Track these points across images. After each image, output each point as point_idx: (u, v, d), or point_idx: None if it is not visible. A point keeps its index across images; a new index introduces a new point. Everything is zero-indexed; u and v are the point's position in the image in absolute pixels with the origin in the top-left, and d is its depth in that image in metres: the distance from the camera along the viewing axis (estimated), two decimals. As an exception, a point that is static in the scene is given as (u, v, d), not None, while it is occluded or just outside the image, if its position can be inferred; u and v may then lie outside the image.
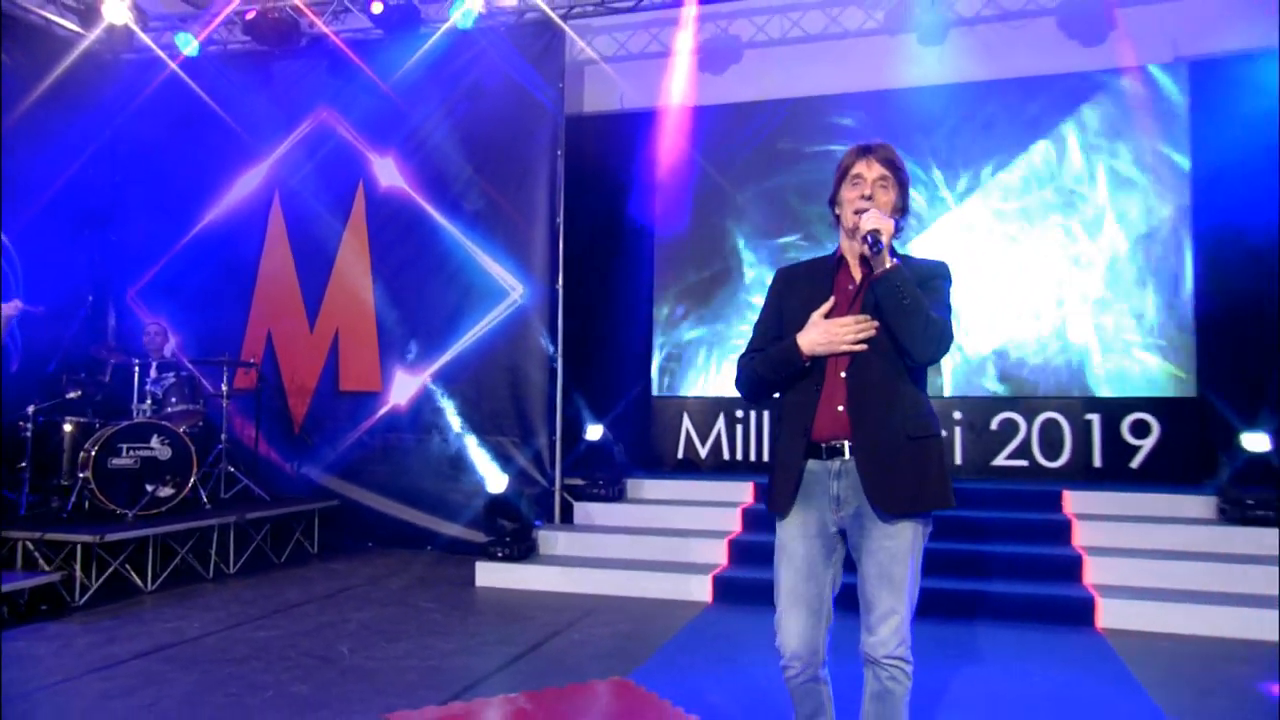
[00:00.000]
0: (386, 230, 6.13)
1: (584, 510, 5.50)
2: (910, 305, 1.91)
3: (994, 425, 5.98)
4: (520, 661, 3.66)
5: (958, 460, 5.96)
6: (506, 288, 5.91)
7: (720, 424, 6.50)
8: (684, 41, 6.07)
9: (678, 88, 6.22)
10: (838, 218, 2.11)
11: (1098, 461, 5.78)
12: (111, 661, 3.50)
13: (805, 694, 2.12)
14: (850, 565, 2.03)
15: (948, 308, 2.03)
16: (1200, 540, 4.69)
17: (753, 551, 4.87)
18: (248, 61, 6.29)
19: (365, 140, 6.14)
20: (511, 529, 4.90)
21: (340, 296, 6.21)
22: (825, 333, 1.92)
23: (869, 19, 6.06)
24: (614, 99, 6.58)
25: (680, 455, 6.54)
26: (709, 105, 6.36)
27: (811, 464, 2.02)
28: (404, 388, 6.04)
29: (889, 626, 1.97)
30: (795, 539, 2.05)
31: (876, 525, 1.97)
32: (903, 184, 2.08)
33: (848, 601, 2.04)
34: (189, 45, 5.92)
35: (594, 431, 5.68)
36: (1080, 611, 4.19)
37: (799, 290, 2.14)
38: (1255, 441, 4.77)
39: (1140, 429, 5.76)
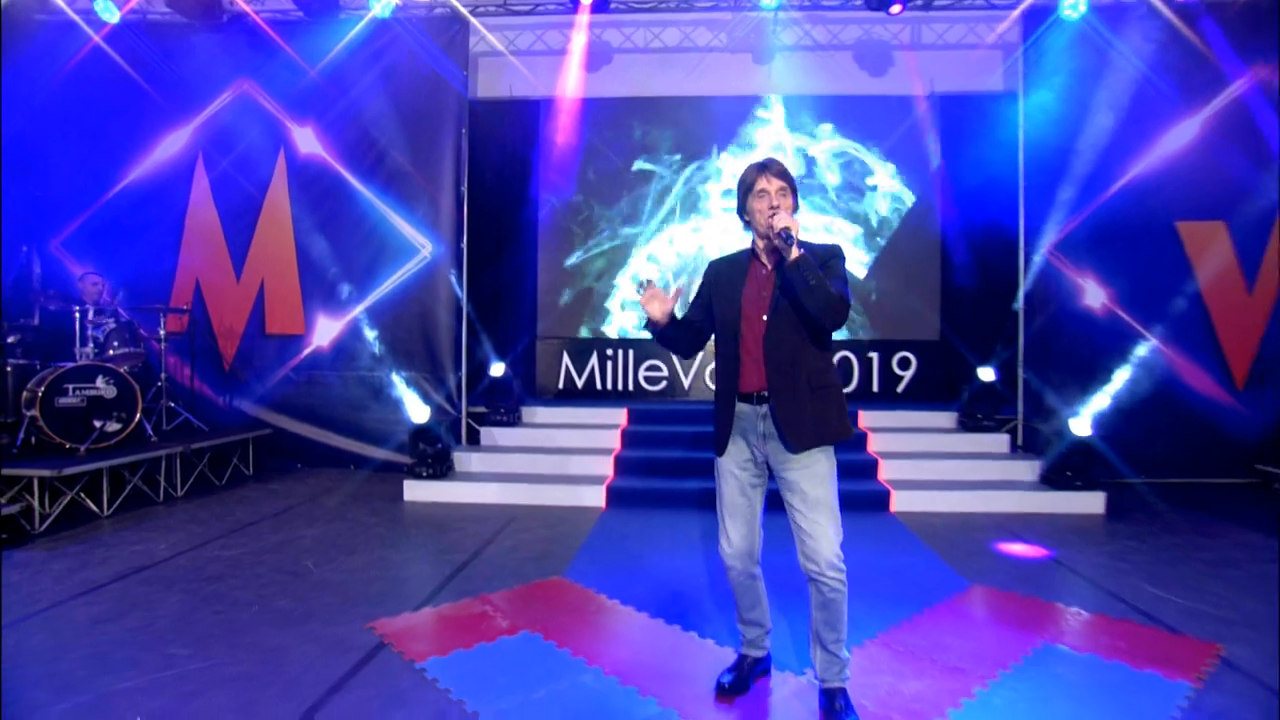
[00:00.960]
0: (308, 192, 6.59)
1: (489, 434, 6.41)
2: (815, 286, 2.26)
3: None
4: (467, 568, 4.01)
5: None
6: (417, 245, 6.60)
7: (594, 360, 7.62)
8: (577, 42, 6.85)
9: (565, 81, 7.05)
10: (747, 223, 2.52)
11: (876, 387, 7.45)
12: (91, 586, 3.62)
13: (745, 589, 2.60)
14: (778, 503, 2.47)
15: (844, 280, 2.36)
16: (950, 443, 6.22)
17: (633, 465, 5.92)
18: (169, 32, 6.41)
19: (286, 111, 6.50)
20: (433, 451, 5.75)
21: (265, 250, 6.65)
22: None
23: (715, 38, 7.14)
24: (506, 87, 7.28)
25: (561, 386, 7.58)
26: (587, 98, 7.24)
27: (742, 407, 2.47)
28: (326, 331, 6.65)
29: (821, 547, 2.35)
30: (731, 468, 2.53)
31: (790, 456, 2.39)
32: (794, 189, 2.44)
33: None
34: (109, 12, 5.98)
35: (497, 368, 6.60)
36: (879, 501, 5.48)
37: (723, 277, 2.59)
38: (985, 374, 6.47)
39: (904, 363, 7.48)
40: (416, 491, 5.63)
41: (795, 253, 2.28)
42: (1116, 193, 6.28)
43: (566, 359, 7.59)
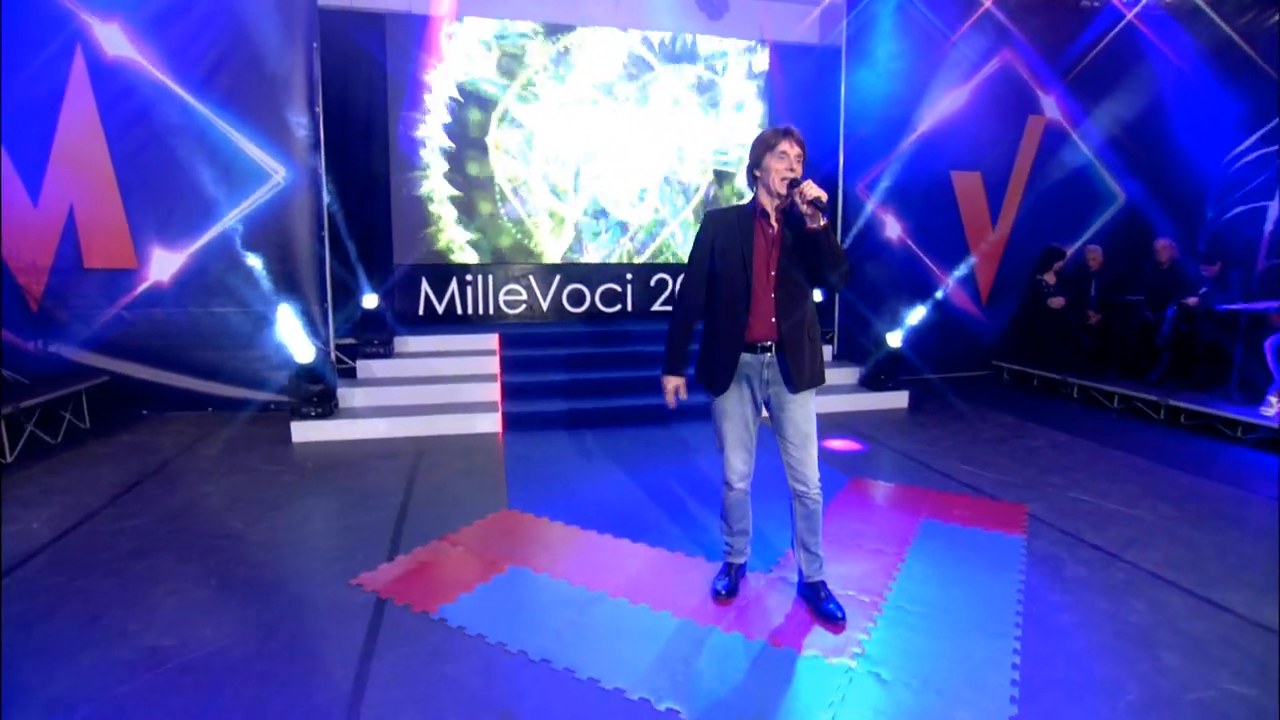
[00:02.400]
0: (123, 105, 5.27)
1: (365, 367, 5.91)
2: (840, 253, 2.44)
3: (651, 282, 7.75)
4: (409, 510, 3.78)
5: (629, 308, 7.63)
6: (268, 170, 5.64)
7: (454, 286, 7.22)
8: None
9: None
10: (755, 178, 2.54)
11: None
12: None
13: (740, 507, 2.79)
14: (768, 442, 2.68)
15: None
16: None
17: (520, 390, 5.80)
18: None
19: (80, 2, 5.09)
20: (319, 390, 5.21)
21: (68, 170, 5.29)
22: (666, 395, 2.72)
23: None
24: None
25: (421, 313, 7.12)
26: (438, 15, 6.52)
27: (746, 356, 2.58)
28: (165, 264, 5.56)
29: (810, 471, 2.62)
30: (734, 406, 2.65)
31: (790, 397, 2.59)
32: (805, 159, 2.49)
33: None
34: None
35: (370, 300, 6.02)
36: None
37: (727, 232, 2.57)
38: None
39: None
40: (306, 432, 5.10)
41: (823, 221, 2.38)
42: (911, 144, 7.10)
43: (426, 286, 7.11)
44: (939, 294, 7.19)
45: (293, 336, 5.07)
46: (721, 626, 2.68)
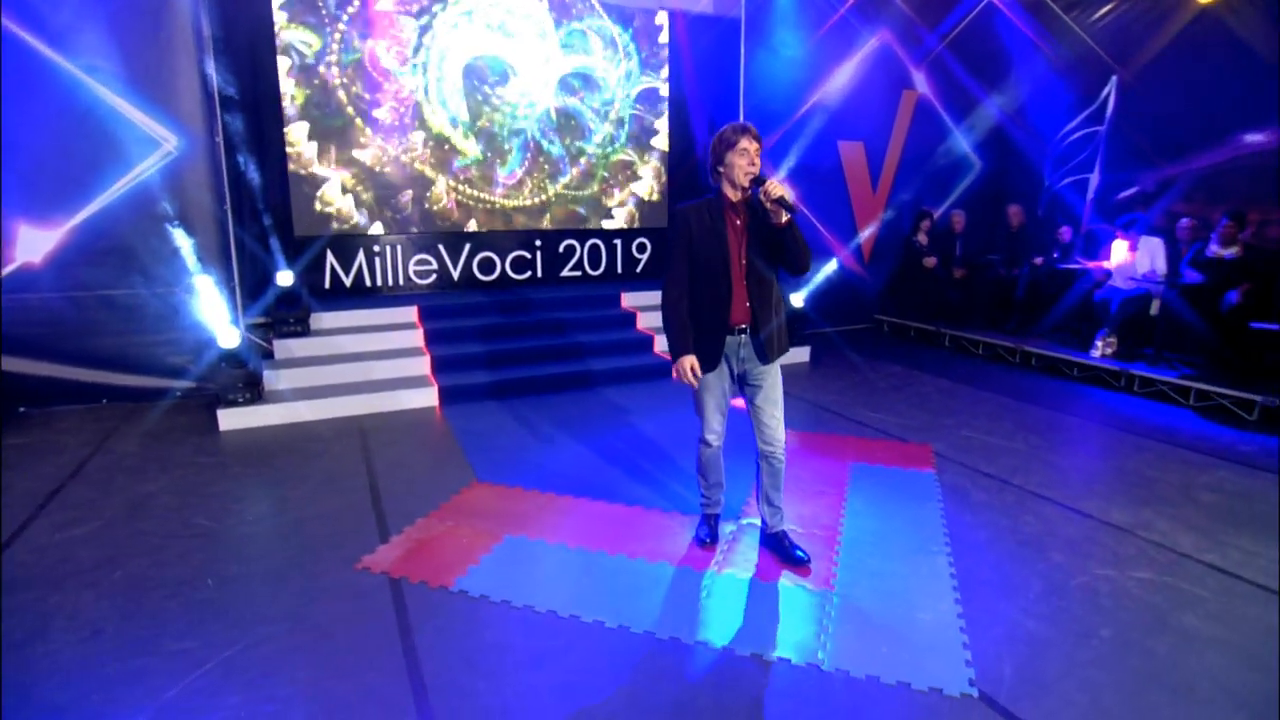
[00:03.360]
0: (-26, 63, 4.67)
1: (283, 347, 5.68)
2: (803, 245, 2.72)
3: (560, 249, 7.90)
4: (385, 493, 3.83)
5: (539, 274, 7.75)
6: (157, 138, 5.22)
7: (360, 257, 7.01)
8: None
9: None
10: (720, 173, 2.80)
11: (620, 270, 8.22)
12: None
13: (715, 462, 3.14)
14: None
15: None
16: None
17: (449, 363, 5.85)
18: None
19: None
20: (245, 375, 5.01)
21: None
22: (683, 374, 2.87)
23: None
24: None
25: (328, 286, 6.87)
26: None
27: (728, 338, 2.91)
28: (36, 244, 5.01)
29: (778, 433, 2.99)
30: (715, 381, 2.99)
31: (762, 369, 2.94)
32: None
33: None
34: None
35: (284, 276, 5.76)
36: (664, 369, 6.21)
37: (700, 225, 2.84)
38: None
39: (641, 248, 8.34)
40: (234, 420, 4.91)
41: (786, 217, 2.67)
42: (803, 114, 7.69)
43: (331, 258, 6.85)
44: (834, 259, 7.93)
45: (216, 319, 4.83)
46: (714, 570, 3.10)
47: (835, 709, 2.27)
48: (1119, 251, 6.21)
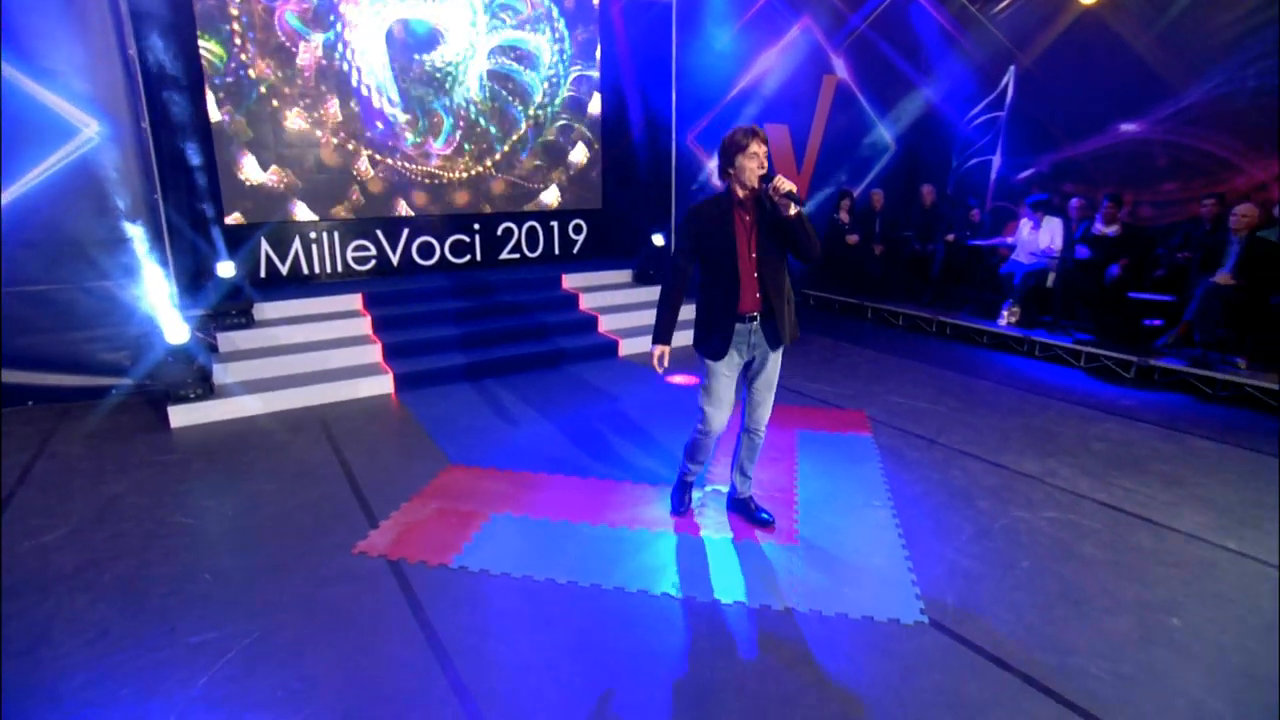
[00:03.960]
0: None
1: (227, 339, 5.58)
2: (813, 234, 2.90)
3: (498, 231, 7.98)
4: (363, 481, 3.94)
5: (478, 257, 7.82)
6: (76, 124, 5.01)
7: (296, 245, 6.89)
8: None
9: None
10: (730, 174, 2.97)
11: (557, 251, 8.38)
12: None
13: (708, 449, 3.36)
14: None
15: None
16: (635, 295, 7.41)
17: (400, 349, 5.91)
18: None
19: None
20: (195, 370, 4.92)
21: None
22: (652, 361, 3.17)
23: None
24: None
25: (263, 274, 6.73)
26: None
27: (737, 325, 3.07)
28: (-52, 239, 4.76)
29: (766, 415, 3.28)
30: (726, 369, 3.14)
31: (769, 356, 3.15)
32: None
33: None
34: None
35: (225, 268, 5.63)
36: (610, 349, 6.57)
37: (710, 222, 3.01)
38: (657, 239, 7.83)
39: (577, 229, 8.52)
40: (187, 416, 4.85)
41: (795, 209, 2.84)
42: (732, 98, 8.03)
43: (266, 246, 6.71)
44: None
45: (163, 313, 4.73)
46: (693, 533, 3.44)
47: (815, 644, 2.65)
48: (1024, 229, 6.91)
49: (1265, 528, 3.51)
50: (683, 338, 6.75)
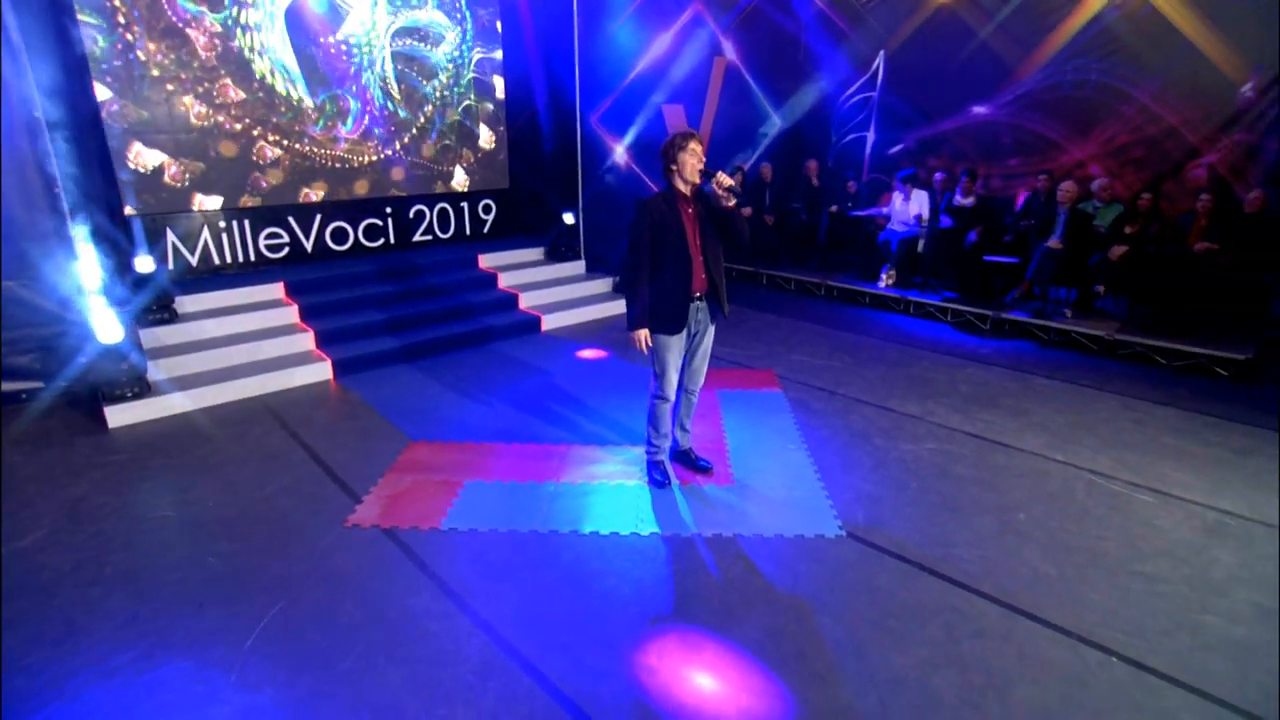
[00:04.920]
0: None
1: (151, 335, 5.55)
2: (744, 224, 3.48)
3: (410, 214, 8.13)
4: (332, 463, 4.23)
5: (392, 240, 7.95)
6: (-35, 118, 4.81)
7: (205, 235, 6.79)
8: None
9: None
10: (672, 171, 3.46)
11: (468, 232, 8.62)
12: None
13: (666, 416, 3.88)
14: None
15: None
16: (548, 272, 7.93)
17: (332, 336, 6.08)
18: None
19: None
20: (128, 369, 4.93)
21: None
22: (637, 342, 3.60)
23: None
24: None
25: (171, 266, 6.61)
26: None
27: (691, 305, 3.58)
28: None
29: (702, 379, 3.91)
30: (678, 342, 3.66)
31: (707, 329, 3.74)
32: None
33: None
34: None
35: (144, 263, 5.55)
36: (533, 325, 7.00)
37: (660, 214, 3.46)
38: (568, 218, 8.26)
39: (487, 209, 8.79)
40: (125, 415, 4.88)
41: (733, 201, 3.41)
42: (631, 81, 8.51)
43: (172, 236, 6.58)
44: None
45: (97, 312, 4.71)
46: (643, 483, 4.04)
47: (759, 560, 3.34)
48: (896, 201, 7.90)
49: (1084, 442, 4.56)
50: (593, 312, 7.48)
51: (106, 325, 4.77)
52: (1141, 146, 7.31)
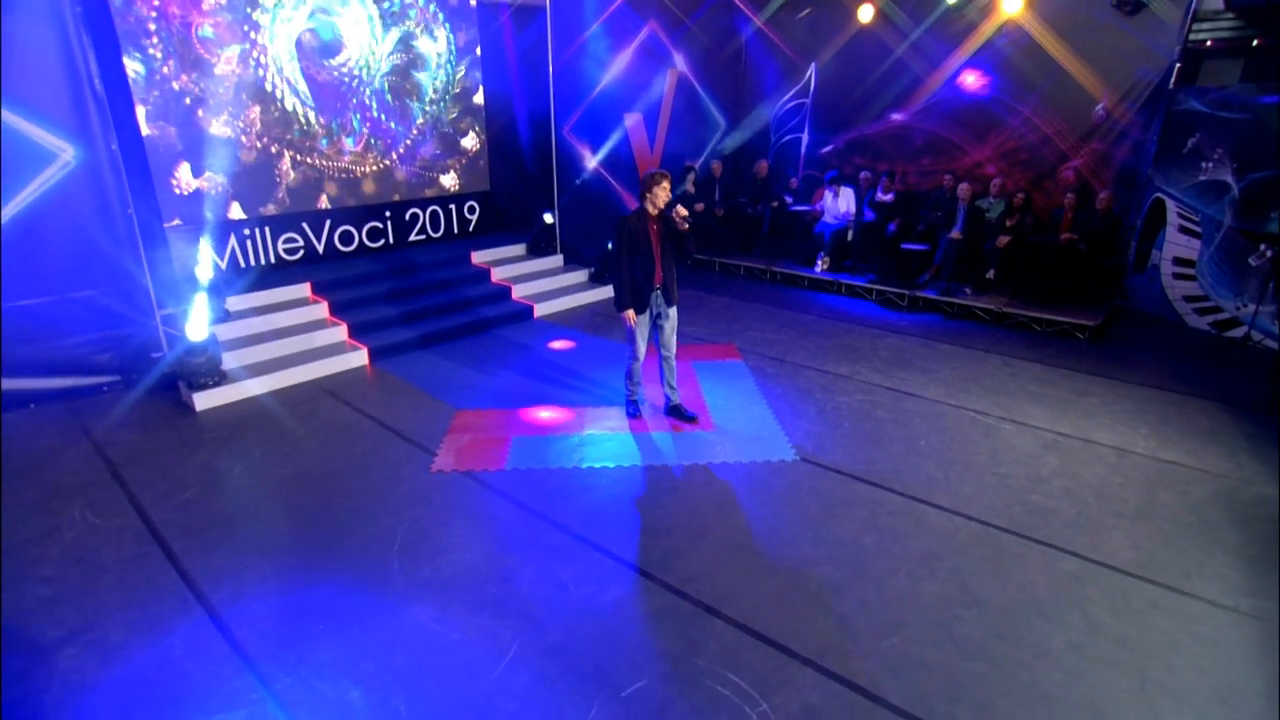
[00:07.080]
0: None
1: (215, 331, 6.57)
2: (693, 242, 5.05)
3: (406, 216, 9.17)
4: (399, 428, 5.46)
5: (391, 240, 9.00)
6: (53, 150, 5.71)
7: (232, 241, 7.73)
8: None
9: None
10: (646, 198, 4.86)
11: (456, 230, 9.71)
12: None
13: (639, 371, 5.40)
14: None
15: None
16: (531, 266, 9.07)
17: (363, 328, 7.18)
18: None
19: None
20: (208, 360, 5.95)
21: None
22: (628, 318, 5.14)
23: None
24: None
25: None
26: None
27: (652, 293, 5.08)
28: (-44, 264, 5.37)
29: (673, 345, 5.36)
30: (644, 319, 5.16)
31: (668, 309, 5.25)
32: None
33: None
34: None
35: (204, 270, 6.52)
36: (527, 313, 8.20)
37: (634, 228, 4.92)
38: (549, 217, 9.41)
39: (471, 209, 9.88)
40: (209, 400, 5.91)
41: (686, 226, 4.98)
42: (599, 93, 9.72)
43: (207, 245, 7.50)
44: (616, 203, 10.28)
45: (196, 313, 5.74)
46: (652, 432, 5.41)
47: (734, 480, 4.75)
48: (828, 198, 9.40)
49: (971, 391, 6.15)
50: (574, 300, 8.73)
51: (198, 324, 5.80)
52: (1026, 151, 9.01)
